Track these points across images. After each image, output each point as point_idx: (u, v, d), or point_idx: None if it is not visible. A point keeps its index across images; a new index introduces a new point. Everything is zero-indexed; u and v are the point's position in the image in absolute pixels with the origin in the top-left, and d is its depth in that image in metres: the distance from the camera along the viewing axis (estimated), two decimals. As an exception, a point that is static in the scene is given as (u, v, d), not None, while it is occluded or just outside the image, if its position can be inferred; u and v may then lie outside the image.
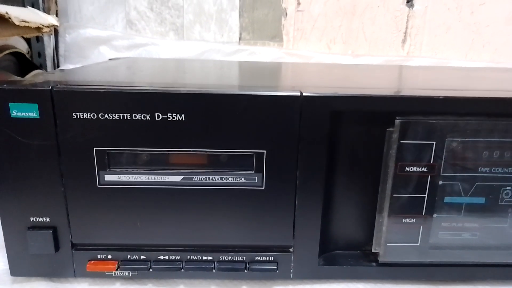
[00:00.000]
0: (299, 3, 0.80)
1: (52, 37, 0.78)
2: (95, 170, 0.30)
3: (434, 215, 0.33)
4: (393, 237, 0.33)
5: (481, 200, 0.33)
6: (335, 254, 0.35)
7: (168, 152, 0.30)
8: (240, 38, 0.82)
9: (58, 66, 0.79)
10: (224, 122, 0.30)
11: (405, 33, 0.83)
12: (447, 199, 0.33)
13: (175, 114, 0.29)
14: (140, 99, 0.29)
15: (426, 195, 0.32)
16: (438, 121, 0.30)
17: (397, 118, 0.30)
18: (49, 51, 0.79)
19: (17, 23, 0.55)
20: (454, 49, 0.84)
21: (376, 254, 0.34)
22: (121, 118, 0.29)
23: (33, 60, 0.75)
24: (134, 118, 0.29)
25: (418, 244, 0.33)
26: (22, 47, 0.72)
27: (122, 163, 0.31)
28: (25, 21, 0.58)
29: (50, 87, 0.29)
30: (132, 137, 0.30)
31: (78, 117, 0.29)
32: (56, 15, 0.76)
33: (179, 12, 0.81)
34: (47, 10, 0.75)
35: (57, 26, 0.68)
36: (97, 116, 0.29)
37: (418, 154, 0.31)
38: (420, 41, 0.83)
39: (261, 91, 0.29)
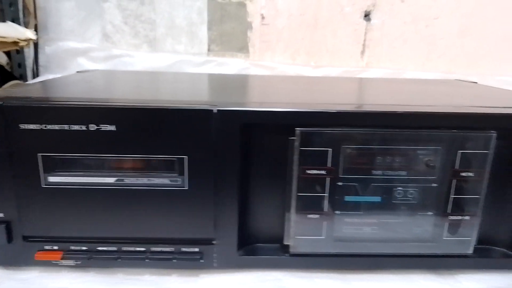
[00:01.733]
0: (263, 17, 0.86)
1: (32, 49, 0.83)
2: (40, 172, 0.36)
3: (337, 212, 0.38)
4: (300, 231, 0.38)
5: (377, 199, 0.38)
6: (256, 246, 0.40)
7: (102, 158, 0.36)
8: (209, 50, 0.88)
9: (37, 76, 0.85)
10: (150, 132, 0.35)
11: (364, 45, 0.88)
12: (347, 198, 0.38)
13: (107, 125, 0.35)
14: (77, 112, 0.34)
15: (326, 194, 0.37)
16: (332, 132, 0.36)
17: (296, 129, 0.35)
18: (29, 62, 0.84)
19: (-7, 39, 0.61)
20: (411, 60, 0.89)
21: (288, 246, 0.39)
22: (61, 128, 0.34)
23: (14, 70, 0.81)
24: (72, 128, 0.35)
25: (324, 237, 0.39)
26: (2, 59, 0.77)
27: (63, 166, 0.36)
28: (1, 36, 0.63)
29: (1, 103, 0.34)
30: (71, 144, 0.35)
31: (25, 127, 0.34)
32: (36, 29, 0.82)
33: (152, 26, 0.87)
34: (26, 24, 0.80)
35: (34, 40, 0.73)
36: (41, 127, 0.34)
37: (317, 159, 0.36)
38: (378, 52, 0.89)
39: (180, 105, 0.35)
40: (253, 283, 0.38)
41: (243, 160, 0.37)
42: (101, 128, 0.35)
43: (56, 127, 0.35)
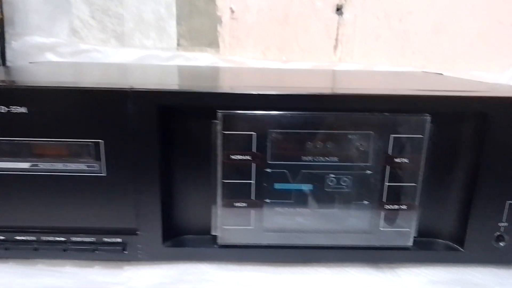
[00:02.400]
0: (233, 11, 0.84)
1: (-3, 44, 0.82)
2: (-51, 157, 0.34)
3: (267, 200, 0.36)
4: (228, 221, 0.36)
5: (308, 186, 0.36)
6: (184, 237, 0.38)
7: (14, 142, 0.34)
8: (178, 45, 0.86)
9: (3, 71, 0.83)
10: (64, 115, 0.33)
11: (336, 40, 0.86)
12: (277, 186, 0.36)
13: (17, 107, 0.33)
14: (-16, 93, 0.33)
15: (253, 181, 0.35)
16: (256, 115, 0.34)
17: (218, 111, 0.34)
18: (-5, 57, 0.83)
19: None
20: (384, 56, 0.87)
21: (216, 237, 0.37)
22: (-31, 110, 0.33)
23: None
24: (-20, 110, 0.33)
25: (253, 227, 0.37)
26: (-36, 53, 0.76)
27: (-26, 151, 0.34)
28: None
29: None
30: (-19, 127, 0.33)
31: None
32: (2, 24, 0.81)
33: (119, 20, 0.85)
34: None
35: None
36: None
37: (241, 144, 0.34)
38: (351, 48, 0.87)
39: (93, 86, 0.33)
40: (178, 275, 0.36)
41: (165, 146, 0.35)
42: (11, 110, 0.33)
43: (-36, 109, 0.33)
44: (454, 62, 0.88)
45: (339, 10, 0.85)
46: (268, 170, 0.35)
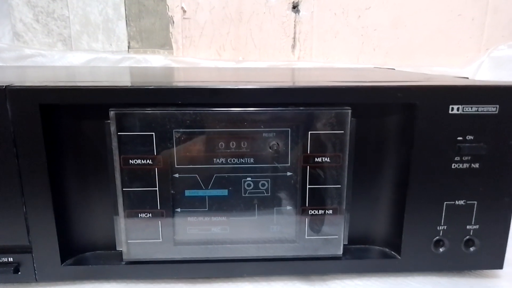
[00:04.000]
0: (184, 11, 0.81)
1: None
2: None
3: (177, 209, 0.32)
4: (133, 234, 0.32)
5: (223, 192, 0.32)
6: (86, 255, 0.34)
7: None
8: (129, 47, 0.82)
9: None
10: None
11: (294, 38, 0.83)
12: (187, 193, 0.32)
13: None
14: None
15: (157, 188, 0.31)
16: (155, 112, 0.30)
17: (110, 109, 0.30)
18: None
19: None
20: (344, 53, 0.85)
21: (121, 253, 0.33)
22: None
23: None
24: None
25: (161, 240, 0.32)
26: None
27: None
28: None
29: None
30: None
31: None
32: None
33: (65, 23, 0.81)
34: None
35: None
36: None
37: (140, 146, 0.30)
38: (309, 46, 0.84)
39: (-36, 85, 0.29)
40: (79, 298, 0.32)
41: (54, 151, 0.31)
42: None
43: None
44: (414, 58, 0.86)
45: (295, 8, 0.82)
46: (176, 175, 0.31)
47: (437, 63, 0.84)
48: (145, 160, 0.31)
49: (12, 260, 0.32)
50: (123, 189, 0.31)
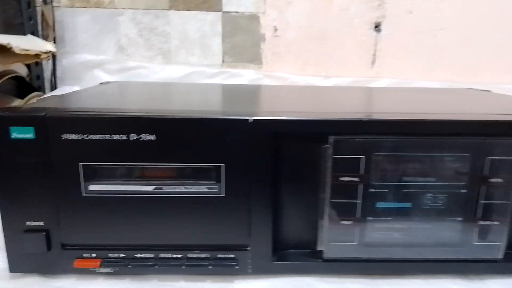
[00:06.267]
0: (276, 29, 0.88)
1: (50, 61, 0.85)
2: (81, 181, 0.37)
3: (368, 218, 0.39)
4: (333, 237, 0.39)
5: (407, 205, 0.39)
6: (288, 252, 0.41)
7: (141, 166, 0.37)
8: (223, 61, 0.90)
9: (55, 88, 0.86)
10: (189, 141, 0.36)
11: (374, 55, 0.90)
12: (378, 204, 0.39)
13: (146, 135, 0.36)
14: (118, 123, 0.35)
15: (359, 201, 0.38)
16: (364, 139, 0.37)
17: (329, 137, 0.37)
18: (47, 74, 0.86)
19: (17, 52, 0.62)
20: (417, 71, 0.91)
21: (321, 252, 0.40)
22: (102, 138, 0.36)
23: (33, 82, 0.82)
24: (112, 138, 0.36)
25: (356, 243, 0.39)
26: (22, 71, 0.79)
27: (104, 175, 0.37)
28: (25, 49, 0.65)
29: (44, 114, 0.35)
30: (112, 154, 0.36)
31: (67, 138, 0.35)
32: (54, 42, 0.83)
33: (166, 38, 0.88)
34: (45, 37, 0.82)
35: (54, 52, 0.75)
36: (83, 137, 0.35)
37: (350, 166, 0.37)
38: (387, 62, 0.91)
39: (217, 115, 0.36)
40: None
41: (276, 169, 0.38)
42: (141, 138, 0.36)
43: (97, 137, 0.36)
44: (483, 75, 0.92)
45: (377, 27, 0.88)
46: (372, 190, 0.38)
47: (505, 81, 0.90)
48: (351, 178, 0.38)
49: (233, 256, 0.39)
50: (331, 200, 0.38)
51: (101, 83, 0.65)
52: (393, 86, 0.86)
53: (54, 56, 0.84)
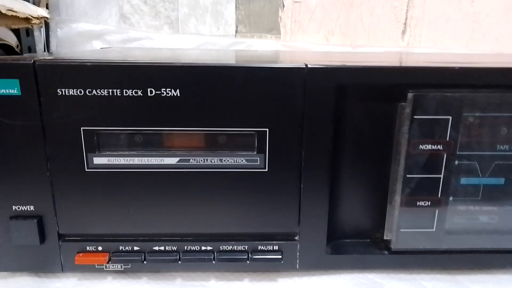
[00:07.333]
0: (296, -6, 0.78)
1: (43, 31, 0.75)
2: (83, 152, 0.28)
3: (450, 198, 0.31)
4: (406, 223, 0.31)
5: (499, 181, 0.31)
6: (344, 242, 0.33)
7: (162, 132, 0.28)
8: (236, 31, 0.80)
9: (48, 62, 0.77)
10: (223, 98, 0.27)
11: (405, 24, 0.81)
12: (463, 181, 0.30)
13: (169, 89, 0.27)
14: (132, 72, 0.27)
15: (442, 176, 0.30)
16: (454, 94, 0.28)
17: (409, 91, 0.28)
18: (40, 46, 0.76)
19: (3, 11, 0.53)
20: (454, 39, 0.82)
21: (388, 241, 0.32)
22: (110, 94, 0.27)
23: (23, 54, 0.73)
24: (125, 94, 0.27)
25: (434, 230, 0.31)
26: (12, 40, 0.69)
27: (113, 144, 0.28)
28: (12, 10, 0.56)
29: (32, 61, 0.26)
30: (123, 115, 0.27)
31: (64, 93, 0.27)
32: (47, 9, 0.74)
33: (173, 5, 0.79)
34: (37, 3, 0.72)
35: (47, 18, 0.65)
36: (85, 92, 0.27)
37: (433, 130, 0.29)
38: (419, 32, 0.81)
39: (262, 63, 0.27)
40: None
41: (335, 134, 0.29)
42: (161, 94, 0.27)
43: (104, 92, 0.27)
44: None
45: (409, -9, 0.79)
46: (456, 162, 0.30)
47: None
48: (435, 146, 0.29)
49: (277, 248, 0.31)
50: (406, 175, 0.30)
51: (101, 48, 0.56)
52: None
53: (47, 25, 0.75)
